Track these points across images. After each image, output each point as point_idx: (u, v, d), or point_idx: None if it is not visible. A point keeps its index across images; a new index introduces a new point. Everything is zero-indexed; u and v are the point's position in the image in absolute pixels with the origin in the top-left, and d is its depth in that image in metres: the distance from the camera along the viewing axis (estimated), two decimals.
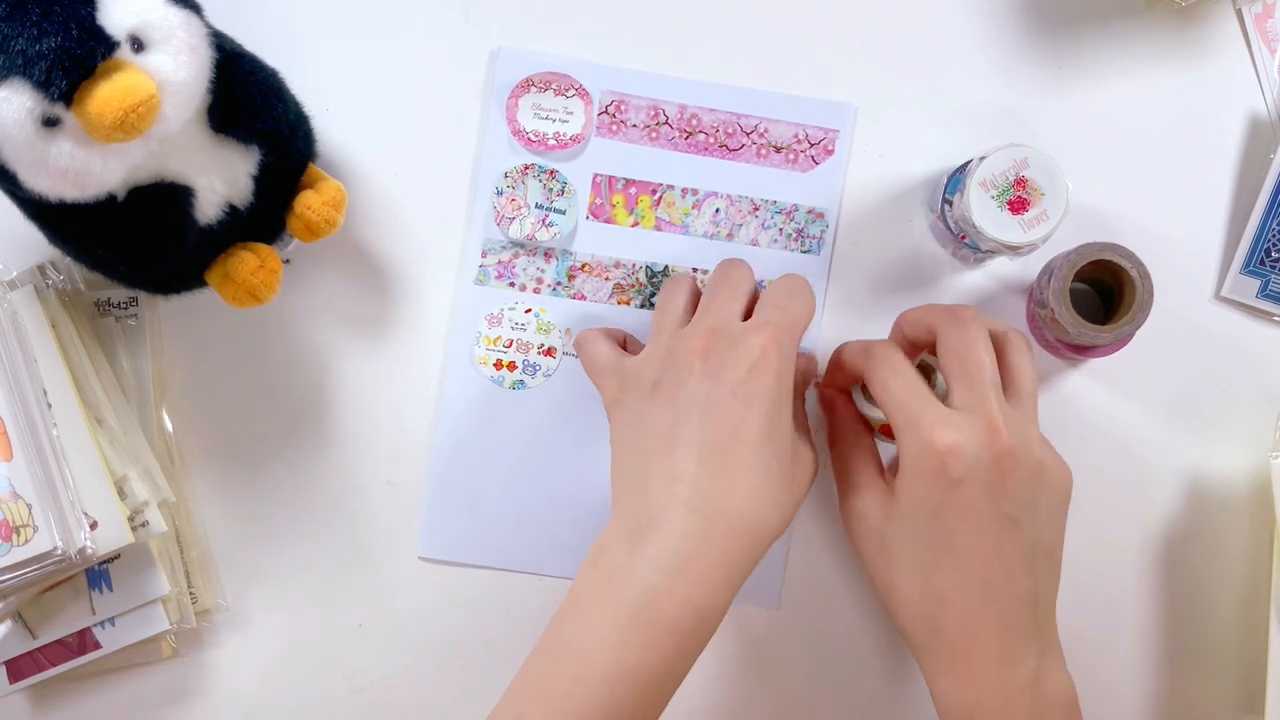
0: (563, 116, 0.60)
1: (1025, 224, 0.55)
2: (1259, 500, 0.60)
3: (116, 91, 0.44)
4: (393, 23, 0.61)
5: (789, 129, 0.61)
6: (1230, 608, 0.61)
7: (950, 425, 0.50)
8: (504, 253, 0.61)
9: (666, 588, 0.49)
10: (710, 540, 0.49)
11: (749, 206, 0.61)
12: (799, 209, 0.61)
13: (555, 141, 0.60)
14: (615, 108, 0.61)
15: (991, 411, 0.50)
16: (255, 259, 0.54)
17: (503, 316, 0.61)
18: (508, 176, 0.60)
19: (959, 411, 0.51)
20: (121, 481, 0.55)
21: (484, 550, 0.61)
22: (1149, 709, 0.61)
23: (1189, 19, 0.61)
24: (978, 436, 0.50)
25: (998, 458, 0.50)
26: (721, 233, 0.61)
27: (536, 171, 0.60)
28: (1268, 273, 0.60)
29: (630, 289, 0.61)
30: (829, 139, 0.61)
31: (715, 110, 0.61)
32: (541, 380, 0.61)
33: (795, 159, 0.61)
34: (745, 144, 0.61)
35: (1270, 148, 0.60)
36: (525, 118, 0.60)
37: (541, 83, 0.60)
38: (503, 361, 0.60)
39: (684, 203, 0.61)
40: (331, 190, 0.56)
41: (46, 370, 0.55)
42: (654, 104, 0.61)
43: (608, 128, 0.61)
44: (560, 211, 0.60)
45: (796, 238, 0.61)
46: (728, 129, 0.61)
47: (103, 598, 0.57)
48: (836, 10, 0.61)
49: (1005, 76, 0.61)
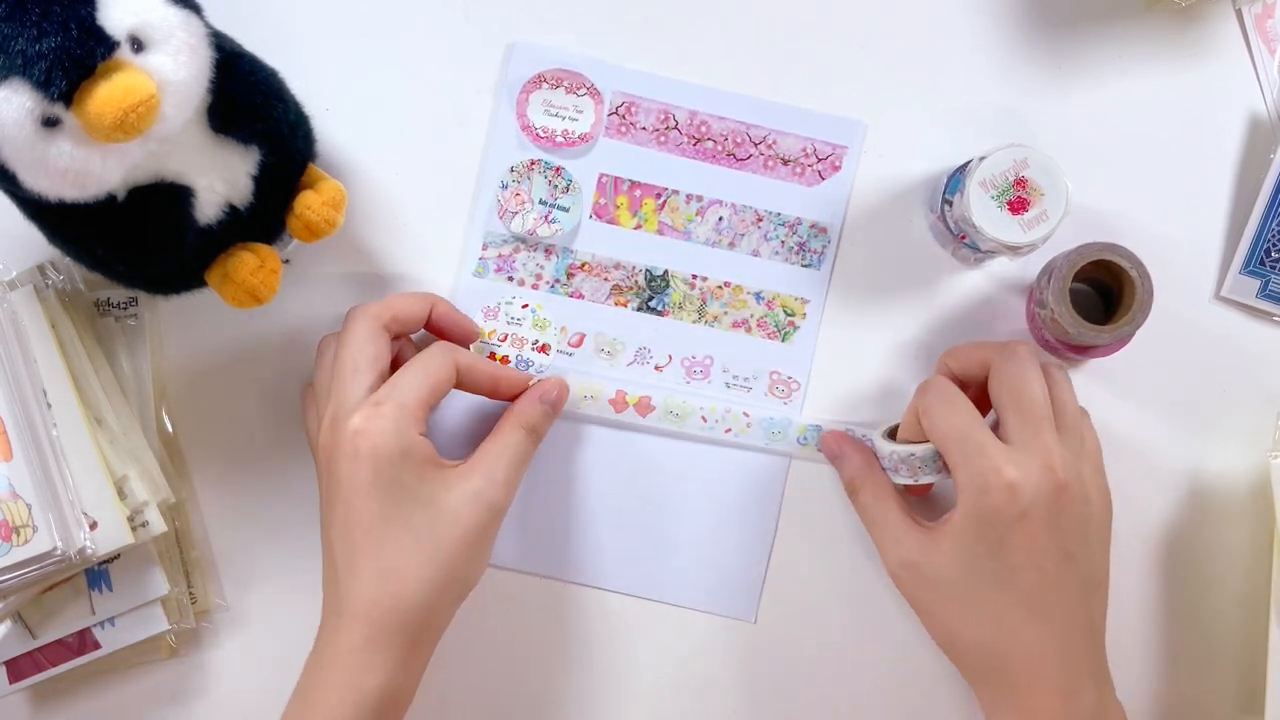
0: (572, 114, 0.60)
1: (1025, 224, 0.55)
2: (1259, 500, 0.60)
3: (116, 91, 0.44)
4: (392, 22, 0.61)
5: (798, 142, 0.61)
6: (1230, 608, 0.61)
7: (1011, 460, 0.50)
8: (505, 246, 0.61)
9: (323, 680, 0.52)
10: (354, 635, 0.51)
11: (753, 217, 0.61)
12: (802, 222, 0.61)
13: (563, 139, 0.60)
14: (625, 109, 0.61)
15: (1049, 446, 0.51)
16: (255, 259, 0.54)
17: (499, 310, 0.61)
18: (513, 171, 0.60)
19: (1017, 447, 0.51)
20: (121, 481, 0.55)
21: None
22: (1149, 709, 0.61)
23: (1189, 19, 0.61)
24: (1037, 471, 0.50)
25: (1056, 493, 0.50)
26: (724, 241, 0.61)
27: (542, 168, 0.60)
28: (1268, 273, 0.60)
29: (628, 291, 0.61)
30: (837, 155, 0.61)
31: (725, 118, 0.61)
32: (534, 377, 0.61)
33: (802, 173, 0.61)
34: (753, 154, 0.61)
35: (1270, 148, 0.60)
36: (535, 113, 0.60)
37: (554, 79, 0.60)
38: (496, 355, 0.60)
39: (688, 208, 0.61)
40: (331, 190, 0.56)
41: (46, 370, 0.55)
42: (664, 108, 0.61)
43: (617, 129, 0.61)
44: (564, 209, 0.60)
45: (798, 251, 0.61)
46: (736, 138, 0.61)
47: (103, 598, 0.57)
48: (836, 11, 0.61)
49: (1005, 76, 0.61)
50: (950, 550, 0.52)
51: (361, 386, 0.53)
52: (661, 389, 0.60)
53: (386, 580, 0.52)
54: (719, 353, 0.61)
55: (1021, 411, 0.52)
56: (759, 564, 0.61)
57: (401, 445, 0.52)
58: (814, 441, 0.60)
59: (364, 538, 0.52)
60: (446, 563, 0.52)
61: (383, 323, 0.55)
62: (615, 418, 0.60)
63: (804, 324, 0.61)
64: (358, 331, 0.54)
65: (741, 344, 0.61)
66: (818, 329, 0.61)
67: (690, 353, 0.61)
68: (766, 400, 0.61)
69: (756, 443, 0.60)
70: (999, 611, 0.52)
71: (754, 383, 0.61)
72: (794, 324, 0.61)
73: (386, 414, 0.52)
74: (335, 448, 0.52)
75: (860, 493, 0.57)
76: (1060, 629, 0.51)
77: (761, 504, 0.61)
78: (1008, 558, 0.51)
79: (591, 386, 0.60)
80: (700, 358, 0.61)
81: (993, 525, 0.50)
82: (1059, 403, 0.54)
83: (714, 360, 0.61)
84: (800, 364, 0.61)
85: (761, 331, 0.61)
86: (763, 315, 0.61)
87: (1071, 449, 0.52)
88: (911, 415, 0.55)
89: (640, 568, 0.61)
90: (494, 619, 0.61)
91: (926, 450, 0.54)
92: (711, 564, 0.61)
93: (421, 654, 0.54)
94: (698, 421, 0.60)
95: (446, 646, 0.59)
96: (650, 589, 0.61)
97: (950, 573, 0.52)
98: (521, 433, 0.56)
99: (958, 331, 0.61)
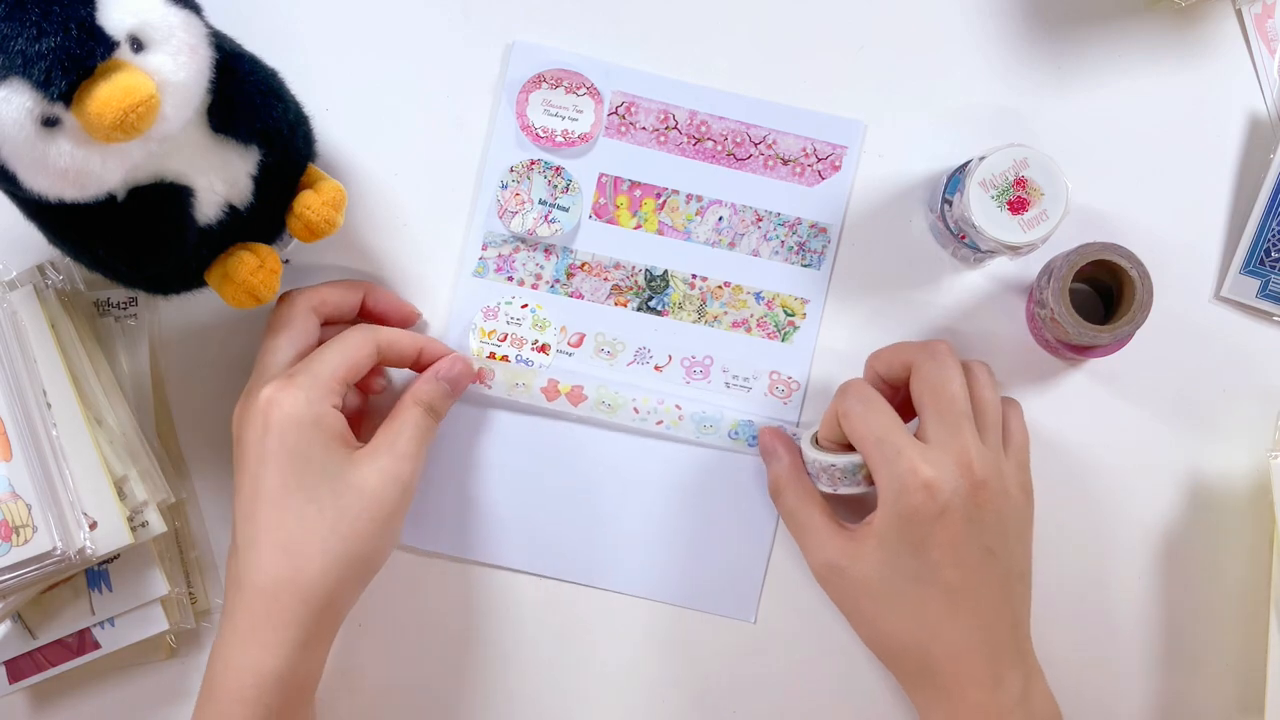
0: (572, 114, 0.60)
1: (1025, 224, 0.55)
2: (1259, 500, 0.60)
3: (116, 91, 0.44)
4: (392, 23, 0.61)
5: (798, 142, 0.61)
6: (1230, 608, 0.61)
7: (928, 460, 0.51)
8: (504, 246, 0.61)
9: (224, 661, 0.51)
10: (253, 610, 0.51)
11: (753, 217, 0.61)
12: (802, 223, 0.61)
13: (563, 139, 0.60)
14: (625, 109, 0.61)
15: (965, 445, 0.52)
16: (255, 259, 0.54)
17: (499, 310, 0.61)
18: (513, 171, 0.60)
19: (934, 446, 0.52)
20: (121, 482, 0.55)
21: (469, 544, 0.61)
22: (1149, 709, 0.61)
23: (1189, 19, 0.61)
24: (954, 469, 0.51)
25: (973, 490, 0.51)
26: (724, 241, 0.61)
27: (542, 168, 0.60)
28: (1268, 273, 0.60)
29: (628, 291, 0.61)
30: (837, 154, 0.61)
31: (725, 118, 0.61)
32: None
33: (802, 173, 0.61)
34: (753, 154, 0.61)
35: (1270, 148, 0.60)
36: (535, 113, 0.60)
37: (553, 79, 0.60)
38: (496, 354, 0.60)
39: (688, 208, 0.61)
40: (331, 190, 0.56)
41: (46, 370, 0.55)
42: (664, 108, 0.61)
43: (616, 128, 0.61)
44: (563, 209, 0.60)
45: (798, 251, 0.61)
46: (736, 138, 0.61)
47: (102, 598, 0.57)
48: (835, 11, 0.61)
49: (1005, 76, 0.61)
50: (873, 551, 0.53)
51: (279, 363, 0.54)
52: (595, 379, 0.60)
53: (288, 553, 0.51)
54: (719, 353, 0.61)
55: (940, 410, 0.53)
56: (759, 564, 0.61)
57: (312, 414, 0.52)
58: (746, 437, 0.60)
59: (267, 509, 0.51)
60: (352, 539, 0.52)
61: (311, 305, 0.56)
62: (547, 407, 0.60)
63: (804, 324, 0.61)
64: (282, 311, 0.56)
65: (741, 344, 0.61)
66: (818, 329, 0.61)
67: (690, 353, 0.61)
68: (766, 400, 0.61)
69: (687, 436, 0.61)
70: (922, 608, 0.52)
71: (754, 383, 0.61)
72: (794, 324, 0.61)
73: (299, 384, 0.52)
74: (245, 418, 0.53)
75: (784, 494, 0.58)
76: (983, 623, 0.52)
77: (763, 504, 0.61)
78: (929, 555, 0.52)
79: (521, 374, 0.60)
80: (700, 358, 0.61)
81: (913, 524, 0.51)
82: (979, 400, 0.54)
83: (714, 360, 0.61)
84: (800, 364, 0.61)
85: (761, 331, 0.61)
86: (763, 315, 0.61)
87: (991, 445, 0.53)
88: (832, 417, 0.56)
89: (644, 568, 0.61)
90: (514, 616, 0.61)
91: (848, 462, 0.54)
92: (711, 564, 0.61)
93: (324, 636, 0.53)
94: (630, 413, 0.60)
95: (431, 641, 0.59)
96: (651, 590, 0.61)
97: (874, 573, 0.53)
98: (419, 410, 0.56)
99: (958, 331, 0.61)
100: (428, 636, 0.61)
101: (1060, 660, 0.59)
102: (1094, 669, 0.61)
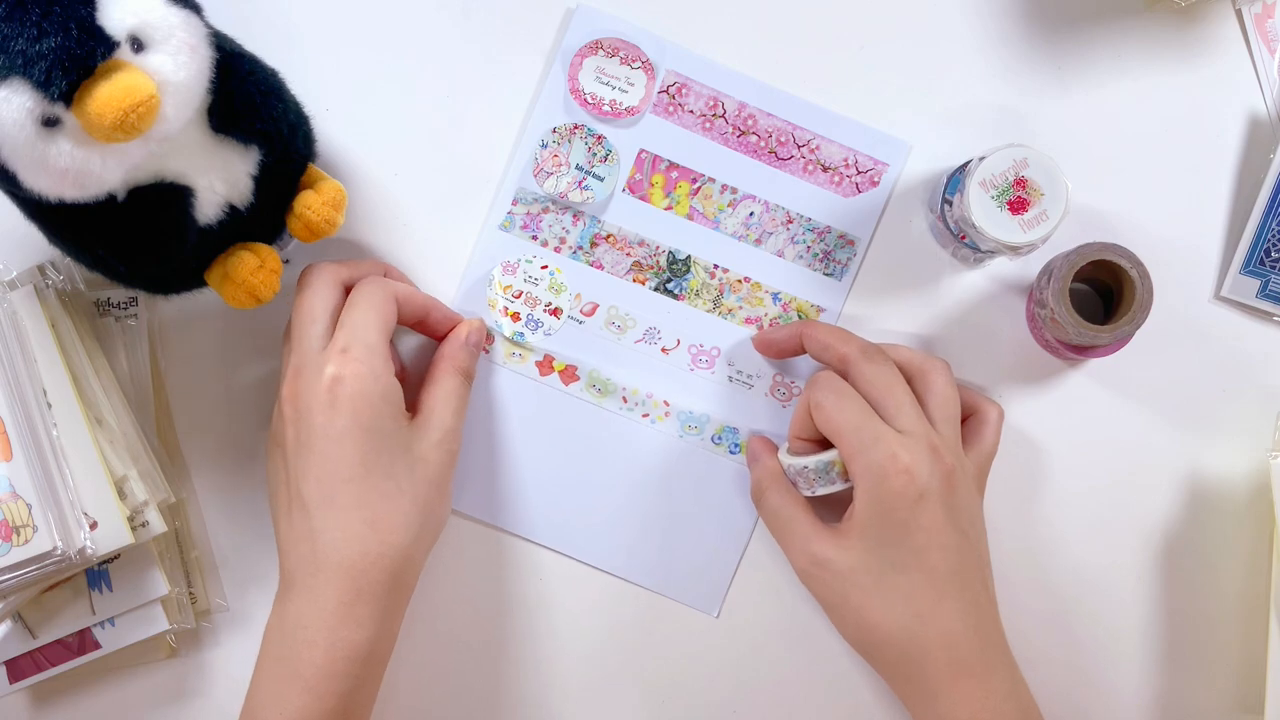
0: (624, 86, 0.60)
1: (1025, 224, 0.55)
2: (1259, 500, 0.60)
3: (116, 91, 0.44)
4: (392, 23, 0.61)
5: (841, 151, 0.61)
6: (1230, 608, 0.61)
7: (904, 445, 0.52)
8: (534, 205, 0.61)
9: (310, 643, 0.51)
10: (341, 589, 0.51)
11: (784, 217, 0.61)
12: (831, 231, 0.61)
13: (610, 109, 0.60)
14: (676, 90, 0.60)
15: (929, 432, 0.53)
16: (255, 259, 0.54)
17: (518, 266, 0.61)
18: (556, 132, 0.60)
19: (905, 433, 0.52)
20: (121, 482, 0.55)
21: (475, 505, 0.61)
22: (1149, 709, 0.61)
23: (1189, 19, 0.61)
24: (927, 454, 0.52)
25: (945, 475, 0.52)
26: (751, 236, 0.61)
27: (585, 134, 0.60)
28: (1268, 273, 0.60)
29: (649, 270, 0.61)
30: (877, 170, 0.61)
31: (773, 115, 0.61)
32: (541, 337, 0.61)
33: (840, 182, 0.61)
34: (795, 155, 0.61)
35: (1270, 148, 0.60)
36: (586, 79, 0.60)
37: (610, 48, 0.60)
38: (509, 310, 0.61)
39: (721, 198, 0.61)
40: (331, 190, 0.56)
41: (46, 370, 0.55)
42: (715, 95, 0.60)
43: (665, 107, 0.61)
44: (599, 178, 0.60)
45: (823, 259, 0.61)
46: (781, 136, 0.61)
47: (102, 598, 0.57)
48: (835, 11, 0.61)
49: (1005, 76, 0.61)
50: (857, 541, 0.53)
51: (318, 335, 0.54)
52: (589, 363, 0.61)
53: (375, 530, 0.52)
54: (727, 345, 0.61)
55: (896, 407, 0.53)
56: (731, 561, 0.61)
57: (379, 389, 0.52)
58: (729, 444, 0.61)
59: (350, 487, 0.52)
60: (426, 510, 0.53)
61: (340, 279, 0.56)
62: (538, 380, 0.60)
63: None
64: (314, 282, 0.55)
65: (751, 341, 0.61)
66: None
67: (699, 340, 0.61)
68: (766, 401, 0.61)
69: (670, 433, 0.61)
70: (910, 595, 0.52)
71: (756, 381, 0.61)
72: None
73: (358, 357, 0.52)
74: (309, 396, 0.52)
75: (766, 495, 0.57)
76: (969, 606, 0.52)
77: (742, 506, 0.61)
78: (913, 540, 0.52)
79: (520, 344, 0.61)
80: (708, 347, 0.61)
81: (895, 510, 0.52)
82: (933, 395, 0.55)
83: (721, 352, 0.61)
84: (805, 371, 0.61)
85: None
86: (777, 316, 0.61)
87: (946, 437, 0.54)
88: (803, 410, 0.56)
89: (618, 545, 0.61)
90: (514, 615, 0.61)
91: (819, 461, 0.54)
92: (684, 553, 0.61)
93: (401, 605, 0.54)
94: (618, 401, 0.61)
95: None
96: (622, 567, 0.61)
97: (859, 563, 0.53)
98: (459, 378, 0.57)
99: (958, 331, 0.61)
100: (430, 635, 0.61)
101: (1060, 660, 0.59)
102: (1094, 669, 0.61)
